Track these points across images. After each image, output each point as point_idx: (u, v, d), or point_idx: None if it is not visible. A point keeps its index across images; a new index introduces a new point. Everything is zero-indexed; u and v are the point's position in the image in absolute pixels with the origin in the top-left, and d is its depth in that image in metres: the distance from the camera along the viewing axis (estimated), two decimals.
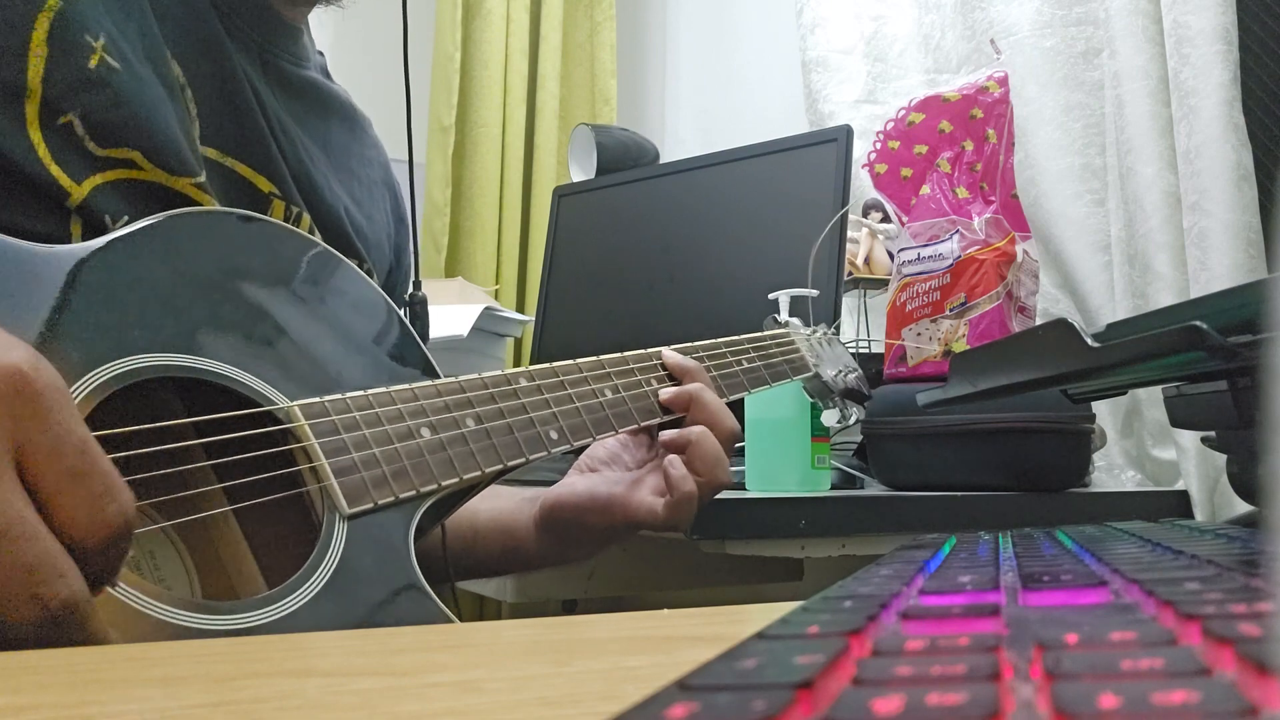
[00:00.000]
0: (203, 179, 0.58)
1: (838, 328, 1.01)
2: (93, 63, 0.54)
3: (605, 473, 0.68)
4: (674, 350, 0.68)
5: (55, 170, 0.53)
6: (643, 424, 0.63)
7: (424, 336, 0.74)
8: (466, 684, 0.25)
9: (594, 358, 0.63)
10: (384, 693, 0.24)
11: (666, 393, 0.65)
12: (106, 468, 0.36)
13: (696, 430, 0.63)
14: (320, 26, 0.75)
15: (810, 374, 0.78)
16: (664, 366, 0.67)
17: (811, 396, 0.85)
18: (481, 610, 1.72)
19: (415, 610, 0.47)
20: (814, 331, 0.84)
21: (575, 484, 0.67)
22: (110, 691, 0.25)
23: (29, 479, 0.34)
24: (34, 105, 0.53)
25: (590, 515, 0.66)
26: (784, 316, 0.94)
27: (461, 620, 0.47)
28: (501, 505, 0.72)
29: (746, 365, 0.73)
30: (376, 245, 0.74)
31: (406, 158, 0.78)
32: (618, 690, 0.23)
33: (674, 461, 0.62)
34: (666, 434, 0.64)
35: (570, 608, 1.33)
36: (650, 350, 0.67)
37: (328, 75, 0.76)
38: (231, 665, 0.29)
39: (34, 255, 0.44)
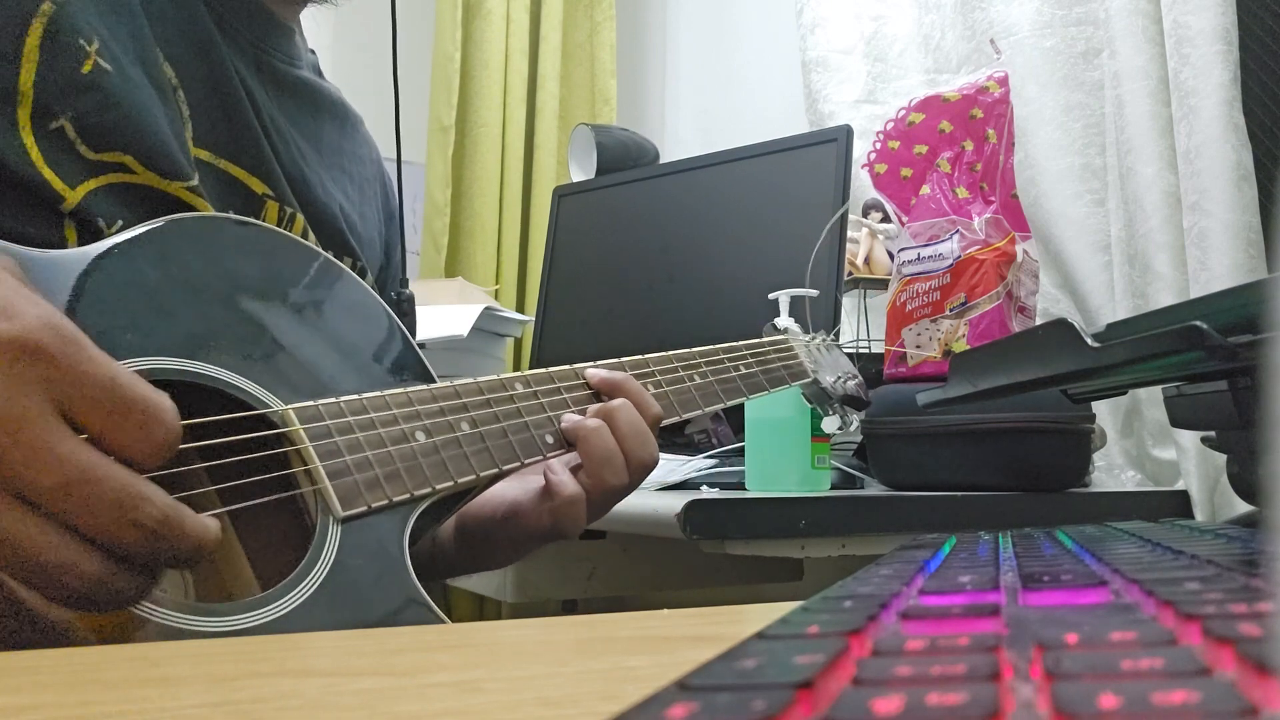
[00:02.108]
0: (195, 182, 0.58)
1: (837, 334, 1.01)
2: (86, 67, 0.54)
3: (529, 479, 0.64)
4: (657, 357, 0.66)
5: (48, 174, 0.53)
6: (547, 456, 0.58)
7: (411, 334, 0.74)
8: (466, 684, 0.25)
9: (589, 363, 0.63)
10: (384, 693, 0.24)
11: (569, 419, 0.59)
12: (142, 393, 0.38)
13: (591, 424, 0.58)
14: (317, 26, 0.75)
15: (809, 380, 0.78)
16: (589, 385, 0.62)
17: (811, 403, 0.85)
18: (481, 610, 1.72)
19: (409, 613, 0.47)
20: (813, 338, 0.84)
21: (490, 495, 0.64)
22: (110, 691, 0.25)
23: (80, 425, 0.36)
24: (25, 110, 0.53)
25: (498, 527, 0.64)
26: (783, 320, 0.94)
27: (454, 621, 0.47)
28: None
29: (745, 371, 0.72)
30: (369, 243, 0.74)
31: (406, 158, 0.78)
32: (618, 690, 0.23)
33: (551, 465, 0.58)
34: (567, 421, 0.59)
35: (570, 608, 1.33)
36: (641, 358, 0.67)
37: (320, 74, 0.76)
38: (231, 665, 0.29)
39: (28, 260, 0.44)
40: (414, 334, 0.74)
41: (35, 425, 0.35)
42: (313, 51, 0.76)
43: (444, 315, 1.47)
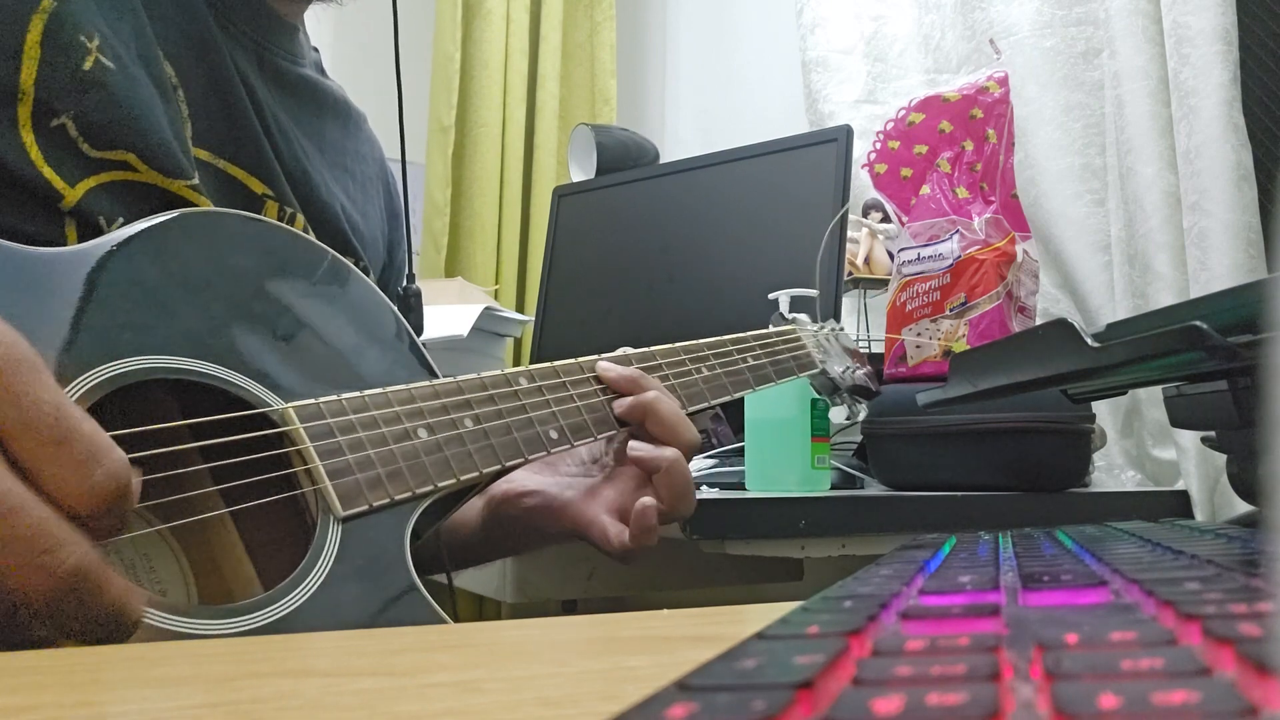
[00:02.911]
0: (196, 181, 0.58)
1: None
2: (88, 64, 0.54)
3: (561, 469, 0.65)
4: (660, 350, 0.65)
5: (48, 172, 0.53)
6: (598, 436, 0.60)
7: (418, 330, 0.74)
8: (466, 684, 0.25)
9: (594, 356, 0.63)
10: (384, 693, 0.24)
11: (621, 404, 0.61)
12: (87, 430, 0.35)
13: (669, 455, 0.59)
14: (318, 24, 0.75)
15: (817, 370, 0.78)
16: (598, 379, 0.62)
17: (819, 393, 0.84)
18: (481, 610, 1.72)
19: (411, 612, 0.47)
20: (821, 328, 0.84)
21: (528, 483, 0.64)
22: (110, 692, 0.25)
23: (11, 455, 0.34)
24: (26, 108, 0.52)
25: (540, 519, 0.63)
26: (788, 312, 0.94)
27: (458, 621, 0.47)
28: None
29: (753, 362, 0.72)
30: (371, 242, 0.74)
31: (407, 158, 0.78)
32: (618, 690, 0.23)
33: (647, 509, 0.58)
34: (638, 450, 0.60)
35: (570, 608, 1.33)
36: (648, 350, 0.67)
37: (323, 72, 0.76)
38: (231, 666, 0.29)
39: (29, 258, 0.44)
40: (421, 330, 0.74)
41: None
42: (316, 49, 0.76)
43: (444, 315, 1.47)
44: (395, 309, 0.59)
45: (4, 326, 0.35)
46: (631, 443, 0.61)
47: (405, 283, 0.77)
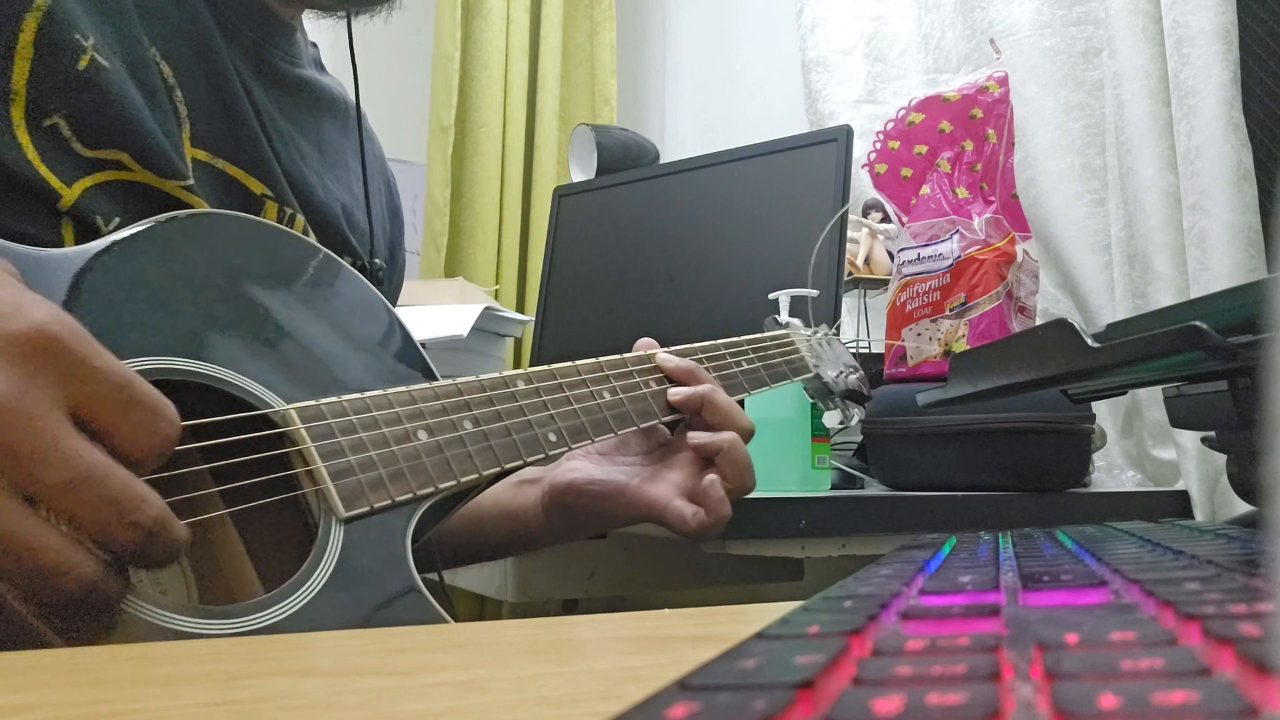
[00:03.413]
0: (191, 182, 0.58)
1: (838, 328, 1.01)
2: (82, 63, 0.54)
3: (616, 459, 0.68)
4: (669, 352, 0.67)
5: (45, 172, 0.53)
6: (624, 430, 0.62)
7: (391, 300, 0.74)
8: (467, 683, 0.25)
9: (592, 360, 0.63)
10: (385, 692, 0.24)
11: (677, 393, 0.65)
12: (147, 390, 0.38)
13: (727, 437, 0.63)
14: (317, 22, 0.75)
15: (810, 375, 0.78)
16: (654, 370, 0.66)
17: (812, 398, 0.84)
18: (482, 610, 1.72)
19: (413, 613, 0.47)
20: (814, 332, 0.84)
21: (589, 470, 0.67)
22: (112, 691, 0.25)
23: (87, 422, 0.37)
24: (19, 108, 0.52)
25: (609, 503, 0.66)
26: (784, 317, 0.94)
27: (458, 621, 0.47)
28: (500, 491, 0.72)
29: (746, 367, 0.72)
30: (376, 239, 0.74)
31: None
32: (618, 690, 0.23)
33: (714, 483, 0.62)
34: (697, 437, 0.64)
35: (570, 608, 1.33)
36: (648, 353, 0.67)
37: (321, 67, 0.75)
38: (234, 665, 0.29)
39: (29, 259, 0.44)
40: (394, 301, 0.73)
41: (44, 421, 0.35)
42: (314, 45, 0.76)
43: (444, 315, 1.47)
44: (391, 308, 0.59)
45: (53, 305, 0.38)
46: (690, 432, 0.65)
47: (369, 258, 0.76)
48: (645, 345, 0.68)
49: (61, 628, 0.37)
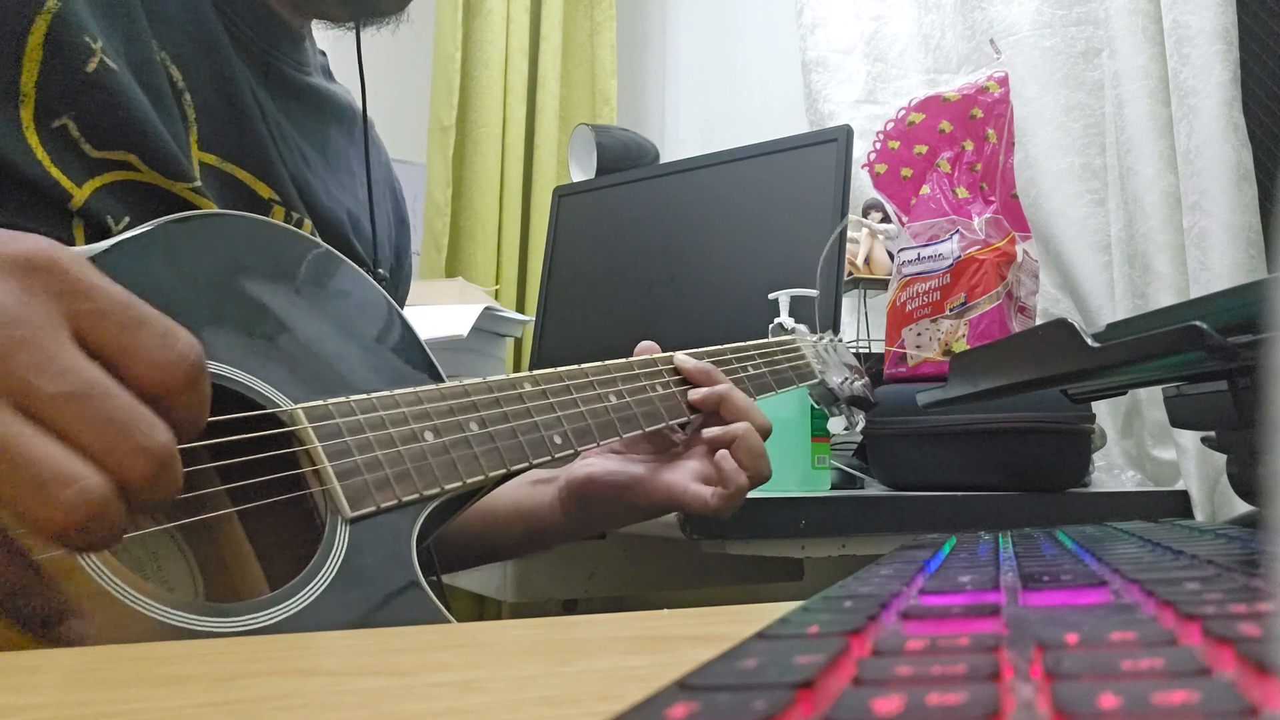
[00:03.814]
0: (198, 184, 0.58)
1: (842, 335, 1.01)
2: (91, 65, 0.54)
3: (630, 457, 0.69)
4: (687, 354, 0.68)
5: (56, 173, 0.53)
6: (629, 434, 0.63)
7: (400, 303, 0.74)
8: (468, 683, 0.25)
9: (599, 363, 0.63)
10: (386, 692, 0.24)
11: (697, 393, 0.66)
12: (157, 312, 0.36)
13: (741, 426, 0.65)
14: (321, 24, 0.75)
15: (816, 381, 0.79)
16: (676, 371, 0.67)
17: (817, 403, 0.85)
18: (482, 610, 1.72)
19: (417, 613, 0.47)
20: (820, 338, 0.84)
21: (605, 464, 0.69)
22: (112, 691, 0.25)
23: (91, 345, 0.34)
24: (28, 110, 0.52)
25: (627, 493, 0.67)
26: (788, 322, 0.94)
27: (459, 620, 0.48)
28: (514, 490, 0.73)
29: (752, 372, 0.73)
30: (379, 246, 0.74)
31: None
32: (618, 690, 0.23)
33: (726, 456, 0.64)
34: (711, 430, 0.66)
35: (570, 608, 1.33)
36: (657, 355, 0.67)
37: (329, 75, 0.76)
38: (234, 665, 0.29)
39: None
40: (401, 306, 0.74)
41: (43, 333, 0.33)
42: (323, 53, 0.76)
43: (444, 315, 1.47)
44: (399, 310, 0.59)
45: (50, 239, 0.36)
46: (705, 429, 0.66)
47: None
48: (646, 349, 0.69)
49: (64, 549, 0.35)
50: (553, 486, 0.72)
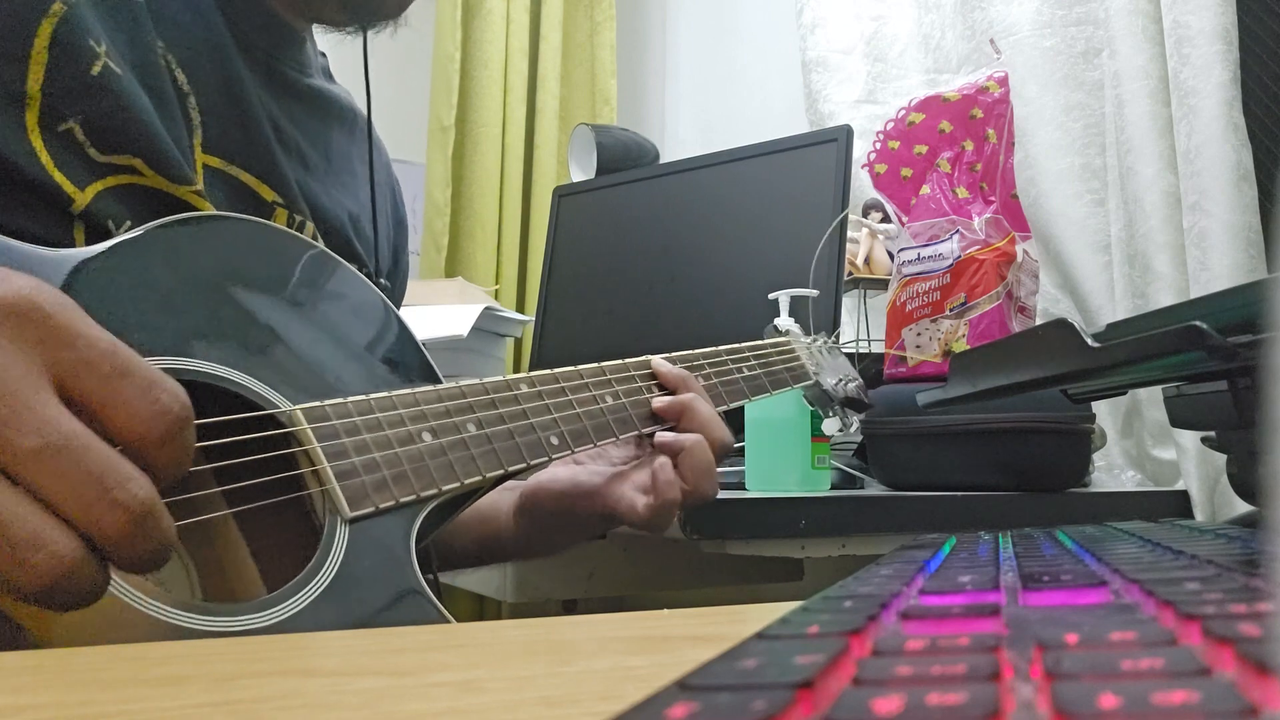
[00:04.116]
0: (200, 187, 0.58)
1: (838, 336, 1.01)
2: (95, 69, 0.54)
3: (589, 465, 0.68)
4: (665, 359, 0.67)
5: (58, 176, 0.53)
6: (625, 435, 0.62)
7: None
8: (468, 683, 0.25)
9: (595, 364, 0.64)
10: (386, 692, 0.24)
11: (660, 402, 0.64)
12: (143, 363, 0.35)
13: (691, 438, 0.62)
14: (326, 35, 0.75)
15: (810, 382, 0.79)
16: (654, 375, 0.66)
17: (812, 405, 0.85)
18: (482, 610, 1.72)
19: (416, 614, 0.47)
20: (815, 340, 0.84)
21: (558, 473, 0.68)
22: (111, 691, 0.25)
23: (72, 394, 0.34)
24: (34, 113, 0.53)
25: (571, 502, 0.66)
26: (784, 322, 0.94)
27: (459, 621, 0.48)
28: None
29: (747, 373, 0.73)
30: (378, 247, 0.74)
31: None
32: (618, 690, 0.23)
33: (664, 465, 0.61)
34: (662, 436, 0.64)
35: (570, 608, 1.33)
36: (644, 359, 0.67)
37: (330, 77, 0.76)
38: (233, 665, 0.29)
39: (37, 258, 0.45)
40: (398, 306, 0.74)
41: (20, 384, 0.32)
42: (323, 55, 0.76)
43: (444, 315, 1.47)
44: (396, 312, 0.59)
45: (29, 277, 0.35)
46: (659, 433, 0.64)
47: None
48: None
49: (34, 617, 0.35)
50: (513, 494, 0.70)
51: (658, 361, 0.67)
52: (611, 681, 0.25)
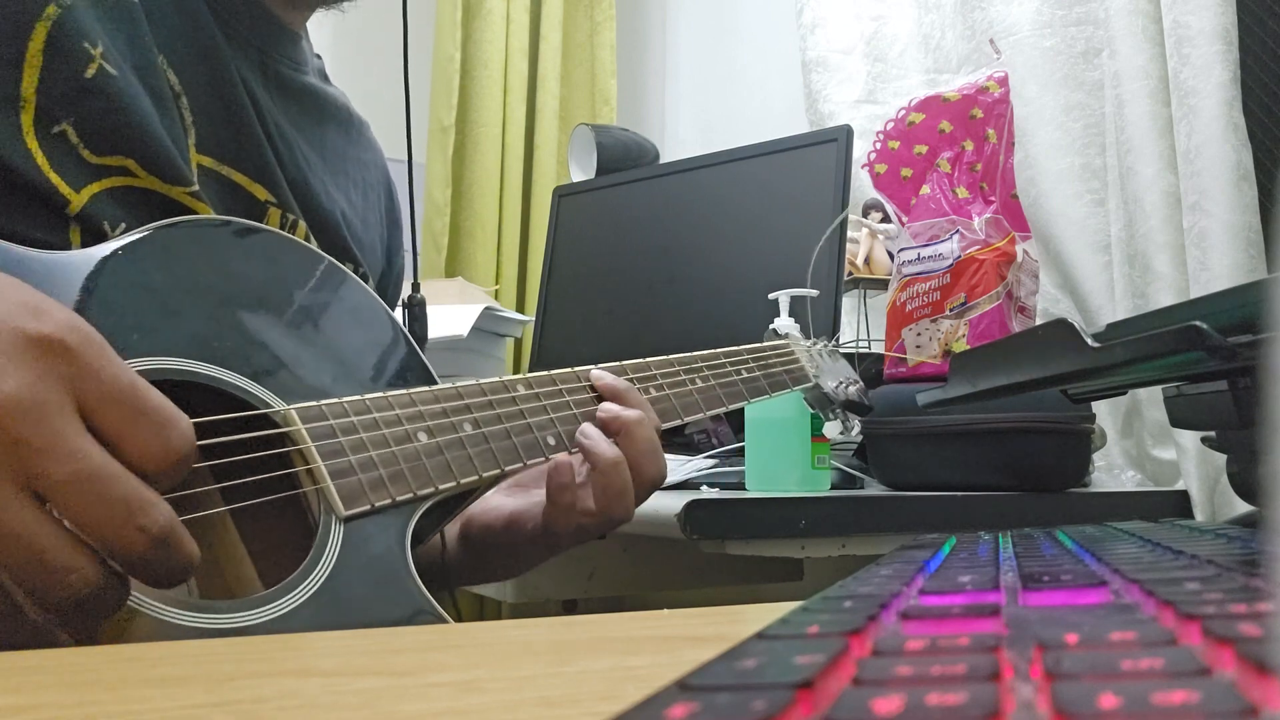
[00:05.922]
0: (196, 188, 0.58)
1: (838, 339, 1.01)
2: (90, 71, 0.54)
3: (532, 491, 0.64)
4: (604, 369, 0.63)
5: (54, 178, 0.53)
6: (538, 460, 0.58)
7: (422, 339, 0.74)
8: (467, 684, 0.25)
9: (590, 366, 0.63)
10: (385, 692, 0.24)
11: (606, 409, 0.60)
12: (160, 401, 0.39)
13: (611, 456, 0.57)
14: (319, 26, 0.75)
15: (810, 385, 0.78)
16: (593, 388, 0.61)
17: (812, 407, 0.85)
18: (482, 610, 1.72)
19: (410, 612, 0.47)
20: (814, 343, 0.84)
21: (493, 500, 0.65)
22: (110, 692, 0.25)
23: (94, 424, 0.37)
24: (29, 115, 0.53)
25: (496, 533, 0.63)
26: (784, 323, 0.94)
27: (460, 621, 0.48)
28: None
29: (746, 375, 0.73)
30: (370, 249, 0.74)
31: (406, 157, 0.79)
32: (618, 690, 0.23)
33: (563, 468, 0.57)
34: (588, 433, 0.58)
35: (570, 608, 1.33)
36: (643, 361, 0.67)
37: (325, 78, 0.76)
38: (232, 665, 0.29)
39: (35, 261, 0.45)
40: (425, 339, 0.74)
41: (55, 417, 0.36)
42: (319, 56, 0.76)
43: (444, 315, 1.47)
44: (391, 313, 0.59)
45: (65, 311, 0.38)
46: (584, 425, 0.59)
47: (411, 291, 0.77)
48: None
49: (64, 624, 0.37)
50: (456, 522, 0.66)
51: (597, 373, 0.62)
52: (611, 681, 0.25)
